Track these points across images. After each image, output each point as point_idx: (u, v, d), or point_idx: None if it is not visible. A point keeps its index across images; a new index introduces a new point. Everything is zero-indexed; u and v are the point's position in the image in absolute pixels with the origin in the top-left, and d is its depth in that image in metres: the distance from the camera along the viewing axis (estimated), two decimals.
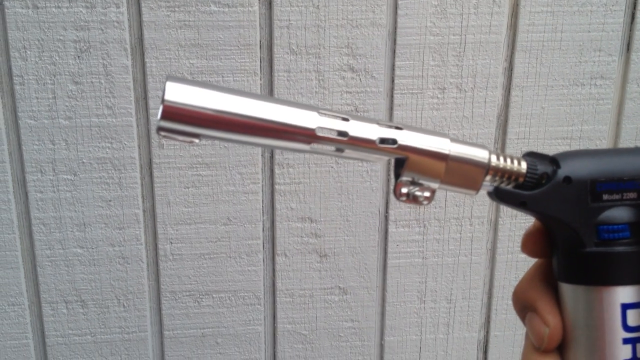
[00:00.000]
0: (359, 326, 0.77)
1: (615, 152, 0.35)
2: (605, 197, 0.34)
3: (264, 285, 0.74)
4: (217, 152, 0.69)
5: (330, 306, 0.76)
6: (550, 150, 0.73)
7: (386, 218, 0.73)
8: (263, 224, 0.72)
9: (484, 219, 0.75)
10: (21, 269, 0.71)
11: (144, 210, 0.71)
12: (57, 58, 0.65)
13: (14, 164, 0.68)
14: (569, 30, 0.70)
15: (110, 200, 0.70)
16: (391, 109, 0.70)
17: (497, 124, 0.72)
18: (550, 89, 0.71)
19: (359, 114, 0.70)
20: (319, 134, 0.31)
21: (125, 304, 0.73)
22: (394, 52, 0.69)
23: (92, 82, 0.66)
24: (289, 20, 0.66)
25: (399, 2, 0.67)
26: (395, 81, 0.69)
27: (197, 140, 0.31)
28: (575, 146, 0.73)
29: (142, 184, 0.70)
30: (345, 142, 0.32)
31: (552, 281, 0.36)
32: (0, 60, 0.65)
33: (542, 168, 0.34)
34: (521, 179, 0.34)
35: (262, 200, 0.72)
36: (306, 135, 0.31)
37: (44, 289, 0.71)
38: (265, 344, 0.77)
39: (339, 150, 0.32)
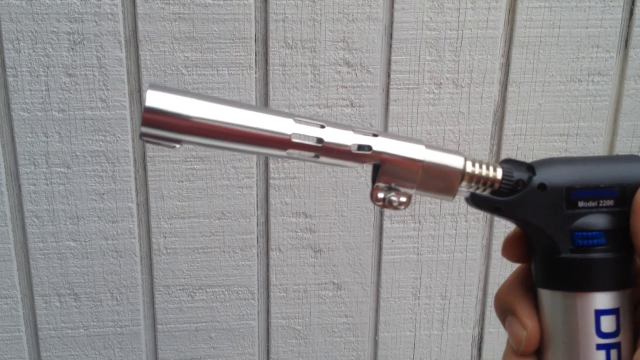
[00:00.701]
0: (353, 322, 0.77)
1: (592, 159, 0.36)
2: (580, 204, 0.34)
3: (257, 280, 0.74)
4: None
5: (325, 302, 0.76)
6: (547, 146, 0.73)
7: (381, 214, 0.73)
8: (257, 219, 0.72)
9: (480, 215, 0.74)
10: (14, 262, 0.71)
11: (137, 204, 0.70)
12: (50, 50, 0.65)
13: (6, 156, 0.68)
14: (566, 26, 0.69)
15: (103, 194, 0.69)
16: (387, 104, 0.70)
17: (494, 119, 0.72)
18: (547, 85, 0.71)
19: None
20: (295, 140, 0.32)
21: (118, 298, 0.73)
22: (390, 46, 0.68)
23: (85, 74, 0.66)
24: (285, 14, 0.66)
25: None
26: (391, 76, 0.69)
27: (178, 146, 0.32)
28: (572, 143, 0.73)
29: (135, 178, 0.70)
30: (321, 148, 0.33)
31: (532, 286, 0.37)
32: None
33: (517, 175, 0.35)
34: (497, 185, 0.34)
35: (257, 195, 0.71)
36: (282, 142, 0.32)
37: (37, 281, 0.71)
38: (259, 338, 0.76)
39: (315, 156, 0.33)
